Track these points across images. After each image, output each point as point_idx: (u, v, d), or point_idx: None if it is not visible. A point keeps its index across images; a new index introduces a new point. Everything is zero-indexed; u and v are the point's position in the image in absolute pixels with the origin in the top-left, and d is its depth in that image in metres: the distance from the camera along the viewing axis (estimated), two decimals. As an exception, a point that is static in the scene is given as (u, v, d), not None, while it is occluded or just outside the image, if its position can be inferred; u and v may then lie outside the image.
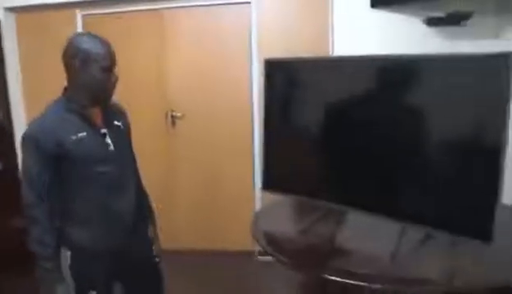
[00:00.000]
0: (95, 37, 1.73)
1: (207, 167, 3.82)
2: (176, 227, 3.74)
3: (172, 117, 3.75)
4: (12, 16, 3.86)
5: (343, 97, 2.14)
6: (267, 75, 2.39)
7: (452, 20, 3.06)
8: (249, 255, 3.74)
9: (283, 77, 2.40)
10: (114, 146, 1.79)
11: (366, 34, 3.30)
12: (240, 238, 3.69)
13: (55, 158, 1.67)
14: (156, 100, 3.74)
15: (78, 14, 3.75)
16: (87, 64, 1.69)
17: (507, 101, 1.53)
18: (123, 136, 1.89)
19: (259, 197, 3.70)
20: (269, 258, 3.52)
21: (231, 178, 3.78)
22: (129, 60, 3.46)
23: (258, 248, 3.70)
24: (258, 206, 3.69)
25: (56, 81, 3.70)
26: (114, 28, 3.45)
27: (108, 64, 1.71)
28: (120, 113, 1.93)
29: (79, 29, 3.73)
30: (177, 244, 3.61)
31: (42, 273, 1.72)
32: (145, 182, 2.13)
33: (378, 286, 1.66)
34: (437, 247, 1.86)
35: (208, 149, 3.77)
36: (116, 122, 1.85)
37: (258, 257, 3.73)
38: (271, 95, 2.39)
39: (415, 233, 1.89)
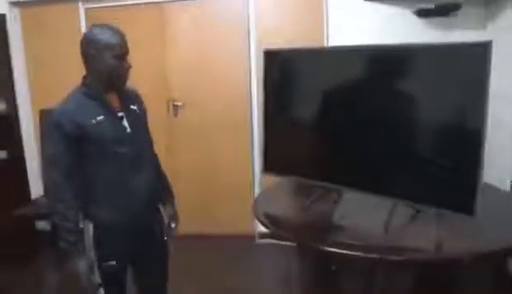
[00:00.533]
0: (109, 28, 1.86)
1: (207, 154, 3.95)
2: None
3: (174, 106, 3.88)
4: (17, 10, 3.96)
5: (336, 85, 2.27)
6: (265, 65, 2.51)
7: (441, 12, 3.20)
8: (249, 238, 3.90)
9: (281, 67, 2.53)
10: (131, 128, 1.92)
11: (360, 25, 3.43)
12: (240, 222, 3.86)
13: (76, 140, 1.80)
14: (158, 90, 3.86)
15: (81, 7, 3.86)
16: (102, 53, 1.82)
17: (486, 87, 1.67)
18: (140, 119, 2.02)
19: (258, 181, 3.86)
20: (269, 241, 3.73)
21: (230, 164, 3.91)
22: (131, 51, 3.50)
23: (257, 231, 3.86)
24: (256, 190, 3.84)
25: (61, 71, 3.86)
26: (116, 21, 3.43)
27: (120, 52, 1.84)
28: (136, 98, 2.07)
29: (82, 22, 3.86)
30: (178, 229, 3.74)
31: (66, 246, 1.86)
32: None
33: (373, 255, 1.82)
34: (426, 221, 2.01)
35: (208, 136, 3.90)
36: (132, 106, 1.98)
37: (258, 240, 3.89)
38: (270, 84, 2.52)
39: (405, 208, 2.04)
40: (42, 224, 4.09)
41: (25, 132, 4.08)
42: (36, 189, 4.09)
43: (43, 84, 3.99)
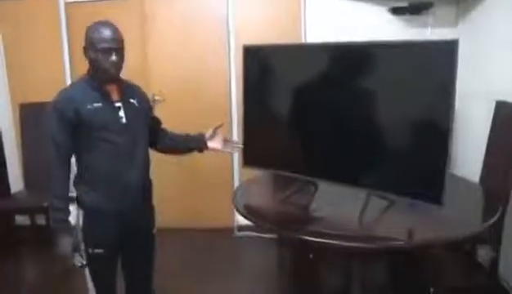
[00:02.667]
0: (102, 23, 1.93)
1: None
2: (156, 207, 3.88)
3: (154, 101, 3.91)
4: (-6, 3, 3.91)
5: (313, 80, 2.34)
6: (245, 60, 2.56)
7: (415, 10, 3.31)
8: (227, 231, 3.97)
9: (260, 62, 2.59)
10: (127, 120, 1.98)
11: (336, 22, 3.53)
12: (220, 215, 3.93)
13: (74, 124, 1.88)
14: (138, 84, 3.85)
15: (61, 1, 3.85)
16: (90, 48, 1.90)
17: (453, 83, 1.76)
18: (138, 113, 2.07)
19: (237, 176, 3.92)
20: (247, 233, 3.80)
21: (210, 157, 3.94)
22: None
23: (236, 224, 3.94)
24: (236, 184, 3.90)
25: (40, 66, 3.82)
26: (97, 16, 3.51)
27: (103, 47, 1.88)
28: (139, 94, 2.15)
29: (62, 17, 3.86)
30: (157, 223, 3.77)
31: (53, 224, 1.94)
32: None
33: (348, 244, 1.90)
34: (399, 211, 2.10)
35: (188, 130, 3.92)
36: (132, 100, 2.05)
37: (237, 233, 3.97)
38: (249, 79, 2.57)
39: (380, 200, 2.13)
40: (22, 219, 4.09)
41: (4, 126, 4.05)
42: (15, 183, 4.07)
43: (23, 78, 3.97)
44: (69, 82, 3.81)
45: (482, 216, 2.22)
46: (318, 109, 2.31)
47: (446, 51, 1.77)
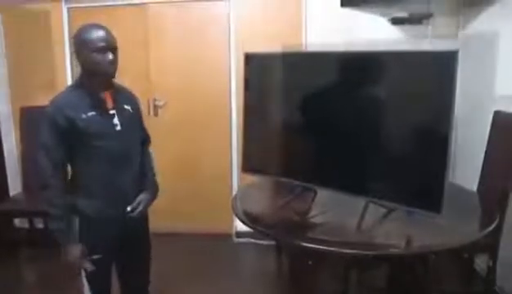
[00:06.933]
0: (92, 25, 1.91)
1: (186, 154, 4.00)
2: (155, 211, 3.88)
3: (155, 106, 3.93)
4: (-3, 7, 3.93)
5: (312, 88, 2.37)
6: (246, 67, 2.60)
7: (415, 20, 3.34)
8: (227, 237, 3.98)
9: (260, 69, 2.62)
10: (122, 126, 1.99)
11: (337, 31, 3.53)
12: (219, 221, 3.94)
13: (68, 133, 1.87)
14: (140, 89, 3.81)
15: (64, 7, 3.87)
16: (84, 49, 1.88)
17: (453, 93, 1.79)
18: (132, 119, 2.08)
19: (236, 181, 3.93)
20: (246, 240, 3.80)
21: (209, 164, 3.97)
22: (113, 51, 3.57)
23: (235, 231, 3.94)
24: (235, 190, 3.90)
25: (42, 72, 3.83)
26: (100, 22, 3.56)
27: (100, 46, 1.87)
28: (131, 98, 2.15)
29: (65, 22, 3.87)
30: (156, 228, 3.77)
31: (54, 233, 1.92)
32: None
33: (347, 250, 1.91)
34: (397, 219, 2.10)
35: (188, 136, 3.96)
36: (126, 106, 2.05)
37: (236, 239, 3.97)
38: (250, 86, 2.61)
39: (377, 207, 2.13)
40: (21, 222, 4.09)
41: (4, 129, 4.06)
42: (14, 185, 4.08)
43: (24, 82, 3.99)
44: (70, 86, 3.82)
45: (479, 224, 2.24)
46: (318, 117, 2.33)
47: (447, 61, 1.80)
